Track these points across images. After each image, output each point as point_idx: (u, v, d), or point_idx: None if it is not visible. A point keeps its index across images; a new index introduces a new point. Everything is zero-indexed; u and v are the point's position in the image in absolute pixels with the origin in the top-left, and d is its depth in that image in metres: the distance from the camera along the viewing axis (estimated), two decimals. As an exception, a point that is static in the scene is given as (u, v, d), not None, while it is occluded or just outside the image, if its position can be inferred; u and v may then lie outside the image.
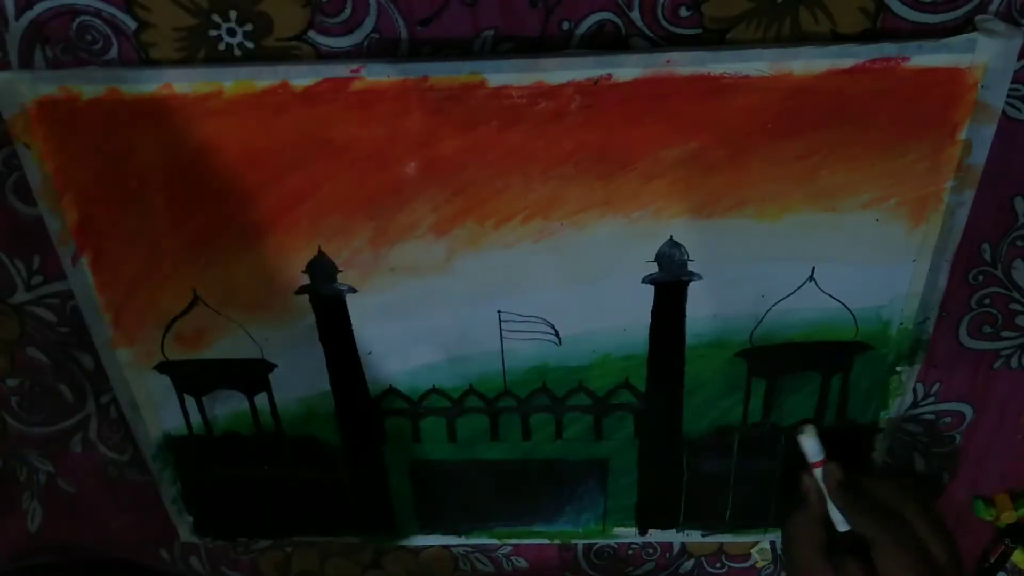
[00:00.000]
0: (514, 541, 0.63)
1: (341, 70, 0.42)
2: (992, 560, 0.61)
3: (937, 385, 0.53)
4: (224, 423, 0.57)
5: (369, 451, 0.58)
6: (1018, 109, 0.43)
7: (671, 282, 0.48)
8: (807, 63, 0.41)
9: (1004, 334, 0.51)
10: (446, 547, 0.65)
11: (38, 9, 0.41)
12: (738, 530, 0.61)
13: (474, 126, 0.44)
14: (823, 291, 0.48)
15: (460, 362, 0.53)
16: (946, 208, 0.45)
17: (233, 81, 0.43)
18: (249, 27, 0.42)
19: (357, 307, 0.50)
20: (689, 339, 0.51)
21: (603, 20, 0.41)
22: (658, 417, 0.55)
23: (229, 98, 0.43)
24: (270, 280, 0.50)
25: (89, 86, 0.43)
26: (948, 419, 0.55)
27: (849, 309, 0.49)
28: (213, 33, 0.42)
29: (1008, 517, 0.58)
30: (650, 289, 0.49)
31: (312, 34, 0.42)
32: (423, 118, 0.43)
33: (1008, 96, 0.42)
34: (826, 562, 0.49)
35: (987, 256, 0.48)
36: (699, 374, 0.52)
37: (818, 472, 0.52)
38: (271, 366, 0.53)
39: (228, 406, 0.56)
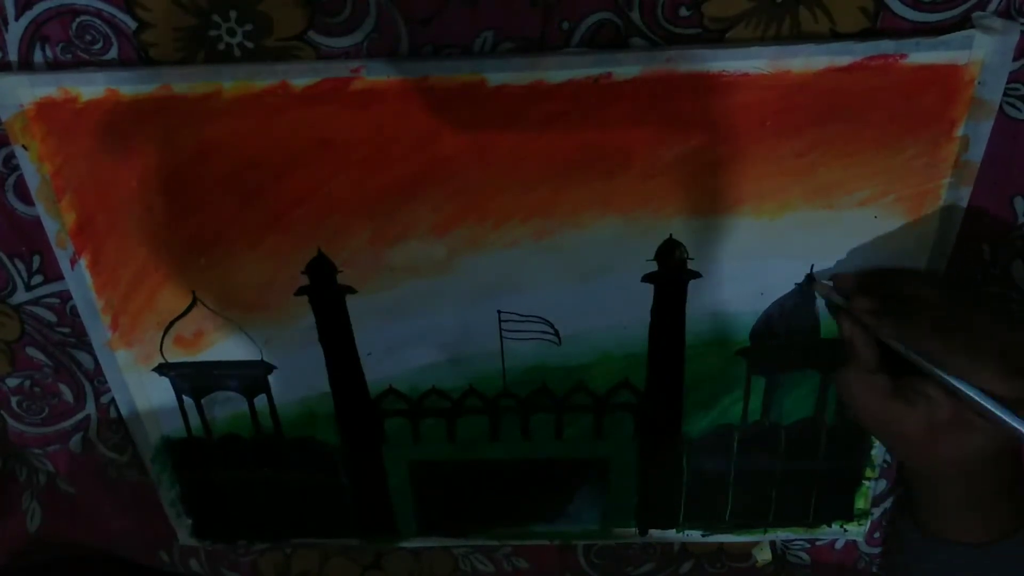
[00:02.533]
0: (514, 541, 0.63)
1: (341, 70, 0.42)
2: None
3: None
4: (223, 425, 0.57)
5: (369, 452, 0.57)
6: (1017, 108, 0.43)
7: (671, 280, 0.49)
8: (806, 61, 0.41)
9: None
10: (446, 548, 0.65)
11: (38, 9, 0.41)
12: (738, 530, 0.61)
13: (474, 126, 0.44)
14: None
15: (460, 362, 0.53)
16: (944, 204, 0.45)
17: (233, 81, 0.43)
18: (249, 27, 0.42)
19: (357, 307, 0.50)
20: (688, 337, 0.51)
21: (603, 20, 0.41)
22: (658, 416, 0.55)
23: (229, 98, 0.43)
24: (269, 281, 0.50)
25: (88, 87, 0.43)
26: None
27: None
28: (213, 33, 0.42)
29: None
30: (650, 287, 0.49)
31: (312, 34, 0.42)
32: (423, 118, 0.44)
33: (1007, 96, 0.42)
34: (904, 405, 0.42)
35: (987, 256, 0.48)
36: (699, 372, 0.52)
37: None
38: (270, 367, 0.53)
39: (227, 408, 0.56)
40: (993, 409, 0.39)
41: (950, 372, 0.40)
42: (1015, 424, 0.39)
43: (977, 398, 0.39)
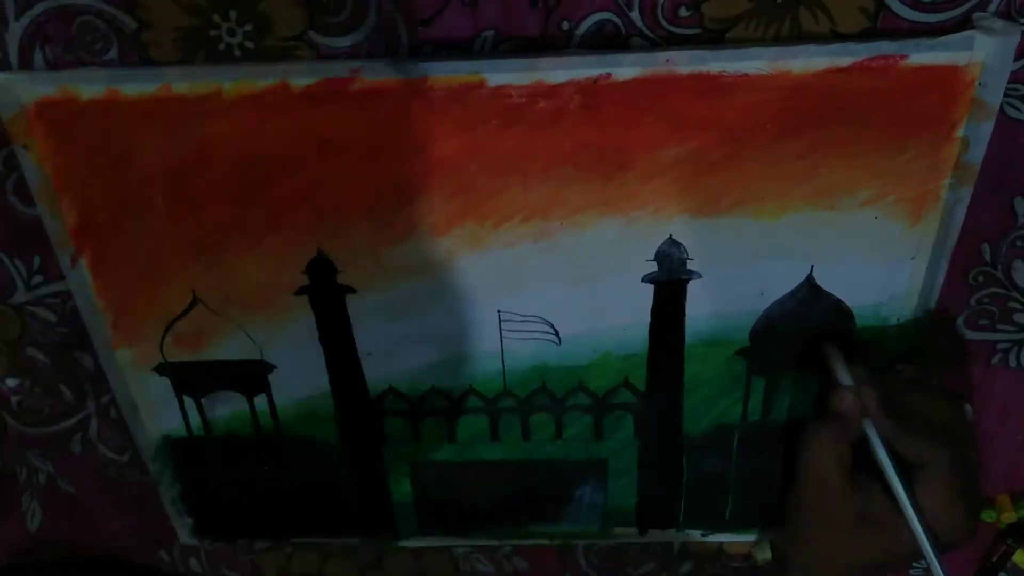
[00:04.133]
0: (514, 541, 0.63)
1: (341, 70, 0.42)
2: (994, 560, 0.61)
3: (935, 382, 0.53)
4: (223, 424, 0.57)
5: (369, 452, 0.57)
6: (1018, 109, 0.43)
7: (671, 281, 0.49)
8: (806, 62, 0.41)
9: (1000, 327, 0.51)
10: (446, 548, 0.65)
11: (38, 9, 0.41)
12: (738, 530, 0.61)
13: (474, 126, 0.44)
14: (822, 289, 0.48)
15: (460, 362, 0.53)
16: (944, 205, 0.45)
17: (233, 81, 0.43)
18: (249, 27, 0.42)
19: (357, 307, 0.50)
20: (689, 338, 0.51)
21: (603, 20, 0.41)
22: (658, 417, 0.55)
23: (229, 98, 0.43)
24: (270, 281, 0.50)
25: (88, 86, 0.43)
26: (948, 418, 0.55)
27: (848, 307, 0.49)
28: (213, 33, 0.42)
29: (1008, 517, 0.58)
30: (649, 288, 0.49)
31: (312, 34, 0.42)
32: (423, 118, 0.43)
33: (1008, 96, 0.42)
34: (853, 488, 0.44)
35: (987, 256, 0.48)
36: (699, 373, 0.52)
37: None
38: (271, 367, 0.53)
39: (227, 407, 0.56)
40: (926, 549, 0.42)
41: (918, 483, 0.43)
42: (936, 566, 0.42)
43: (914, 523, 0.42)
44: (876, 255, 0.47)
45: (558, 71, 0.42)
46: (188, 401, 0.56)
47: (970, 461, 0.43)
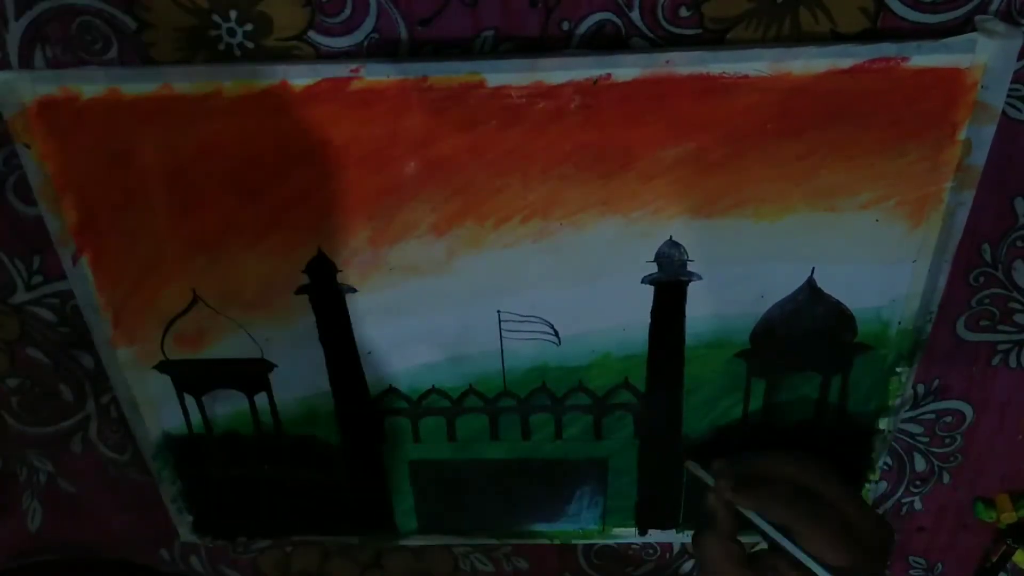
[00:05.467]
0: (514, 541, 0.63)
1: (341, 70, 0.42)
2: (994, 560, 0.61)
3: (936, 382, 0.53)
4: (224, 422, 0.57)
5: (369, 451, 0.58)
6: (1018, 109, 0.42)
7: (671, 282, 0.48)
8: (806, 63, 0.41)
9: (1001, 327, 0.51)
10: (446, 547, 0.65)
11: (38, 9, 0.41)
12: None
13: (473, 126, 0.44)
14: (823, 291, 0.48)
15: (460, 362, 0.53)
16: (946, 208, 0.45)
17: (233, 81, 0.43)
18: (249, 27, 0.42)
19: (357, 307, 0.50)
20: (689, 339, 0.51)
21: (603, 20, 0.41)
22: (658, 417, 0.55)
23: (229, 98, 0.43)
24: (270, 280, 0.50)
25: (89, 86, 0.43)
26: (949, 419, 0.55)
27: (849, 310, 0.49)
28: (213, 33, 0.42)
29: (1008, 518, 0.58)
30: (649, 289, 0.49)
31: (312, 34, 0.42)
32: (423, 118, 0.43)
33: (1008, 96, 0.42)
34: (752, 574, 0.47)
35: (987, 257, 0.48)
36: (699, 374, 0.52)
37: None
38: (271, 366, 0.53)
39: (228, 405, 0.56)
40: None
41: (795, 538, 0.46)
42: None
43: (811, 564, 0.45)
44: (877, 258, 0.47)
45: (558, 71, 0.42)
46: (189, 399, 0.56)
47: (832, 508, 0.46)
